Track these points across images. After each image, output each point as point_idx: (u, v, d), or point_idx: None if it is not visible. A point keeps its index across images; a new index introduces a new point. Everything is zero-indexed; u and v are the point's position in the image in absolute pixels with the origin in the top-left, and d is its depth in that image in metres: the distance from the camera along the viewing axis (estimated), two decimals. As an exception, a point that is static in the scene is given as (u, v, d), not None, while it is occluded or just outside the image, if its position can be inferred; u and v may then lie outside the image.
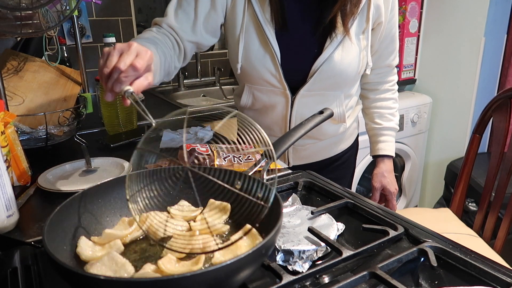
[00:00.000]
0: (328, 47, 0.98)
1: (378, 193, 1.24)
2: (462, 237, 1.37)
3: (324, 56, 0.99)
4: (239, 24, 1.00)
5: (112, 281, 0.44)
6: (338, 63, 0.99)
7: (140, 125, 1.32)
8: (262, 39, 0.99)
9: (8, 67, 1.15)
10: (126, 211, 0.68)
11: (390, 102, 1.21)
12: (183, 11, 0.97)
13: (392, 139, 1.23)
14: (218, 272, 0.44)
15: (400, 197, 2.53)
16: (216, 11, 0.99)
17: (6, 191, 0.70)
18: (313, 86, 1.02)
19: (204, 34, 1.00)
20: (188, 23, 0.98)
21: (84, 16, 1.91)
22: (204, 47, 1.04)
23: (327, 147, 1.18)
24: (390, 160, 1.23)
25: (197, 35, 0.99)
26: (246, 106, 1.14)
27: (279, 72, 1.01)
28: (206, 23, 0.99)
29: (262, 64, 1.01)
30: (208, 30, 1.01)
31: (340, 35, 0.98)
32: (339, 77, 1.02)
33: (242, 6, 0.99)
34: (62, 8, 1.06)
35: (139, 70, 0.64)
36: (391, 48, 1.13)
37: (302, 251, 0.59)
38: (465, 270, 0.58)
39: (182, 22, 0.97)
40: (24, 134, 1.06)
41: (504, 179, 1.33)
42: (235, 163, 0.89)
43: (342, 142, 1.21)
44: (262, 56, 1.00)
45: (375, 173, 1.23)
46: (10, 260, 0.61)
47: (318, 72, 1.00)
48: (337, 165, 1.23)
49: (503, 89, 1.34)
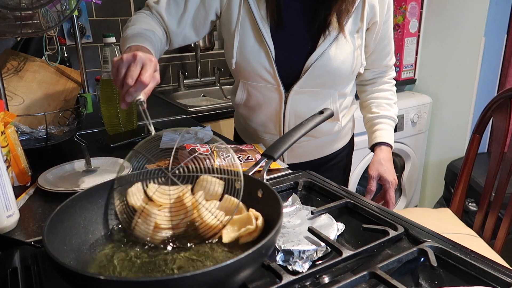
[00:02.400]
0: (322, 44, 0.99)
1: (374, 182, 1.10)
2: (462, 237, 1.37)
3: (318, 52, 0.99)
4: (234, 20, 1.01)
5: (112, 281, 0.44)
6: (331, 60, 1.00)
7: (140, 125, 1.32)
8: (257, 35, 1.00)
9: (8, 67, 1.14)
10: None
11: (388, 93, 1.19)
12: (175, 3, 1.01)
13: (389, 128, 1.16)
14: (218, 272, 0.44)
15: (400, 197, 2.53)
16: (205, 8, 1.02)
17: (6, 191, 0.70)
18: (306, 83, 1.03)
19: (188, 29, 1.04)
20: (177, 15, 1.02)
21: (84, 16, 1.91)
22: (189, 40, 1.07)
23: (322, 145, 1.19)
24: (388, 148, 1.13)
25: (181, 28, 1.03)
26: (240, 102, 1.15)
27: (273, 68, 1.02)
28: (194, 18, 1.03)
29: (257, 59, 1.02)
30: (193, 26, 1.04)
31: (335, 32, 0.99)
32: (332, 74, 1.03)
33: (238, 2, 1.00)
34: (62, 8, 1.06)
35: (146, 84, 0.72)
36: (387, 49, 1.13)
37: (302, 251, 0.59)
38: (465, 270, 0.58)
39: (171, 13, 1.01)
40: (24, 134, 1.06)
41: (504, 179, 1.33)
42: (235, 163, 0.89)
43: (337, 141, 1.22)
44: (256, 52, 1.01)
45: (372, 161, 1.13)
46: (10, 260, 0.61)
47: (311, 68, 1.01)
48: (332, 164, 1.23)
49: (503, 89, 1.35)
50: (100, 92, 1.22)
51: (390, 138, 1.14)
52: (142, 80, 0.71)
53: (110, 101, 1.20)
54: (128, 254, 0.59)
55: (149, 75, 0.72)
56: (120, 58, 0.74)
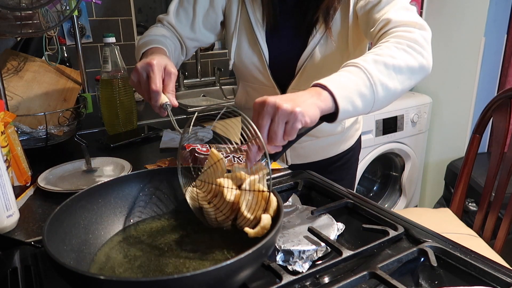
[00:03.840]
0: (310, 43, 0.98)
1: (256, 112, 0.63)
2: (462, 237, 1.37)
3: (308, 51, 0.99)
4: (233, 23, 1.03)
5: (112, 281, 0.44)
6: (320, 58, 0.99)
7: (140, 125, 1.32)
8: (252, 39, 1.02)
9: (8, 67, 1.15)
10: (126, 211, 0.68)
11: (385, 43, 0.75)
12: (183, 10, 1.02)
13: (342, 72, 0.69)
14: (218, 272, 0.44)
15: (400, 197, 2.53)
16: (214, 9, 1.03)
17: (6, 191, 0.70)
18: (301, 83, 1.03)
19: (203, 31, 1.04)
20: (188, 21, 1.02)
21: (84, 16, 1.91)
22: (205, 43, 1.08)
23: (326, 147, 1.18)
24: (317, 89, 0.66)
25: (196, 33, 1.04)
26: (241, 103, 1.17)
27: (266, 71, 1.03)
28: (205, 21, 1.03)
29: (251, 62, 1.04)
30: (207, 27, 1.05)
31: (321, 31, 0.96)
32: (324, 72, 1.00)
33: (236, 5, 1.02)
34: (62, 8, 1.06)
35: (156, 90, 0.73)
36: (379, 7, 0.85)
37: (302, 251, 0.59)
38: (465, 270, 0.58)
39: (182, 20, 1.02)
40: (24, 134, 1.06)
41: (504, 179, 1.33)
42: (235, 163, 0.89)
43: (342, 143, 1.20)
44: (251, 54, 1.03)
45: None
46: (10, 260, 0.61)
47: (303, 68, 1.00)
48: (337, 166, 1.22)
49: (503, 89, 1.34)
50: (100, 92, 1.22)
51: (327, 79, 0.67)
52: (159, 90, 0.73)
53: (110, 101, 1.20)
54: (128, 254, 0.59)
55: (171, 83, 0.75)
56: (137, 67, 0.76)
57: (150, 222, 0.68)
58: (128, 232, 0.65)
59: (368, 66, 0.68)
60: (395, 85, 0.70)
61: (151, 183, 0.71)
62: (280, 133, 0.59)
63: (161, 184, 0.72)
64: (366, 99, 0.67)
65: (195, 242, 0.62)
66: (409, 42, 0.74)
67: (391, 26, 0.79)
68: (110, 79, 1.18)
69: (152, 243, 0.62)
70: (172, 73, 0.76)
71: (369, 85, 0.67)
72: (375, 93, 0.68)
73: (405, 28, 0.77)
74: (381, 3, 0.84)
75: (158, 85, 0.73)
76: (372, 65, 0.68)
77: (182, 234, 0.65)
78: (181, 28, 1.02)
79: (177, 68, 1.00)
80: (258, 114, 0.61)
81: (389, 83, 0.69)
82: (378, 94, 0.68)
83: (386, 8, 0.83)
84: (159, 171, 0.72)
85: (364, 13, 0.88)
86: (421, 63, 0.74)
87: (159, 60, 0.76)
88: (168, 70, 0.76)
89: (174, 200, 0.71)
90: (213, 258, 0.58)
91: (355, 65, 0.69)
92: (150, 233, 0.65)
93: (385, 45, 0.73)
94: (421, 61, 0.74)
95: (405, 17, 0.80)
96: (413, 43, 0.74)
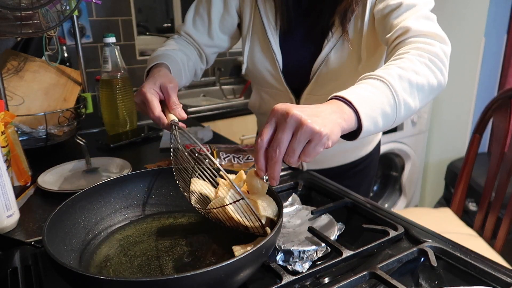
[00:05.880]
0: (325, 47, 0.95)
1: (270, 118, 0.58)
2: (462, 237, 1.37)
3: (322, 57, 0.96)
4: (246, 27, 1.01)
5: (112, 281, 0.44)
6: (336, 63, 0.96)
7: (140, 125, 1.32)
8: (265, 44, 0.99)
9: (8, 67, 1.14)
10: (126, 211, 0.68)
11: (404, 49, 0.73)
12: (200, 17, 1.01)
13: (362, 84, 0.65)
14: (218, 272, 0.44)
15: (400, 197, 2.53)
16: (229, 13, 1.01)
17: (6, 191, 0.70)
18: (316, 88, 1.00)
19: (220, 36, 1.03)
20: (204, 28, 1.02)
21: (84, 16, 1.91)
22: (223, 48, 1.06)
23: (343, 152, 1.13)
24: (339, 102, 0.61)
25: (213, 39, 1.02)
26: (255, 107, 1.15)
27: (280, 76, 1.00)
28: (221, 25, 1.02)
29: (264, 66, 1.01)
30: (224, 32, 1.03)
31: (337, 35, 0.94)
32: (340, 78, 0.99)
33: (249, 9, 1.00)
34: (62, 8, 1.06)
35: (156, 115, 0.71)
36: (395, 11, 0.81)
37: (302, 251, 0.59)
38: (465, 270, 0.58)
39: (199, 28, 1.02)
40: (24, 134, 1.06)
41: (504, 179, 1.33)
42: (235, 163, 0.89)
43: (360, 148, 1.14)
44: (264, 59, 1.01)
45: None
46: (10, 260, 0.61)
47: (318, 73, 0.98)
48: (354, 172, 1.17)
49: (503, 89, 1.35)
50: (100, 92, 1.22)
51: (350, 92, 0.62)
52: (152, 118, 0.71)
53: (110, 101, 1.20)
54: (128, 254, 0.59)
55: (152, 108, 0.71)
56: (135, 95, 0.76)
57: (150, 222, 0.68)
58: (128, 232, 0.65)
59: (394, 82, 0.63)
60: (415, 104, 0.66)
61: (151, 183, 0.71)
62: (298, 152, 0.53)
63: (161, 184, 0.72)
64: (388, 119, 0.62)
65: (195, 242, 0.62)
66: (431, 56, 0.71)
67: (410, 35, 0.75)
68: (110, 79, 1.18)
69: (152, 243, 0.62)
70: (168, 88, 0.73)
71: (393, 104, 0.62)
72: (397, 113, 0.63)
73: (426, 39, 0.74)
74: (400, 8, 0.80)
75: (156, 112, 0.71)
76: (398, 81, 0.64)
77: (182, 233, 0.65)
78: (198, 36, 1.01)
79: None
80: (278, 125, 0.55)
81: (411, 103, 0.65)
82: (400, 114, 0.64)
83: (405, 14, 0.80)
84: (159, 171, 0.72)
85: (382, 16, 0.84)
86: (440, 81, 0.71)
87: (150, 83, 0.74)
88: (164, 86, 0.73)
89: (174, 200, 0.71)
90: (213, 258, 0.58)
91: (380, 79, 0.64)
92: (150, 233, 0.65)
93: (408, 57, 0.69)
94: (439, 79, 0.71)
95: (426, 27, 0.76)
96: (435, 57, 0.71)
